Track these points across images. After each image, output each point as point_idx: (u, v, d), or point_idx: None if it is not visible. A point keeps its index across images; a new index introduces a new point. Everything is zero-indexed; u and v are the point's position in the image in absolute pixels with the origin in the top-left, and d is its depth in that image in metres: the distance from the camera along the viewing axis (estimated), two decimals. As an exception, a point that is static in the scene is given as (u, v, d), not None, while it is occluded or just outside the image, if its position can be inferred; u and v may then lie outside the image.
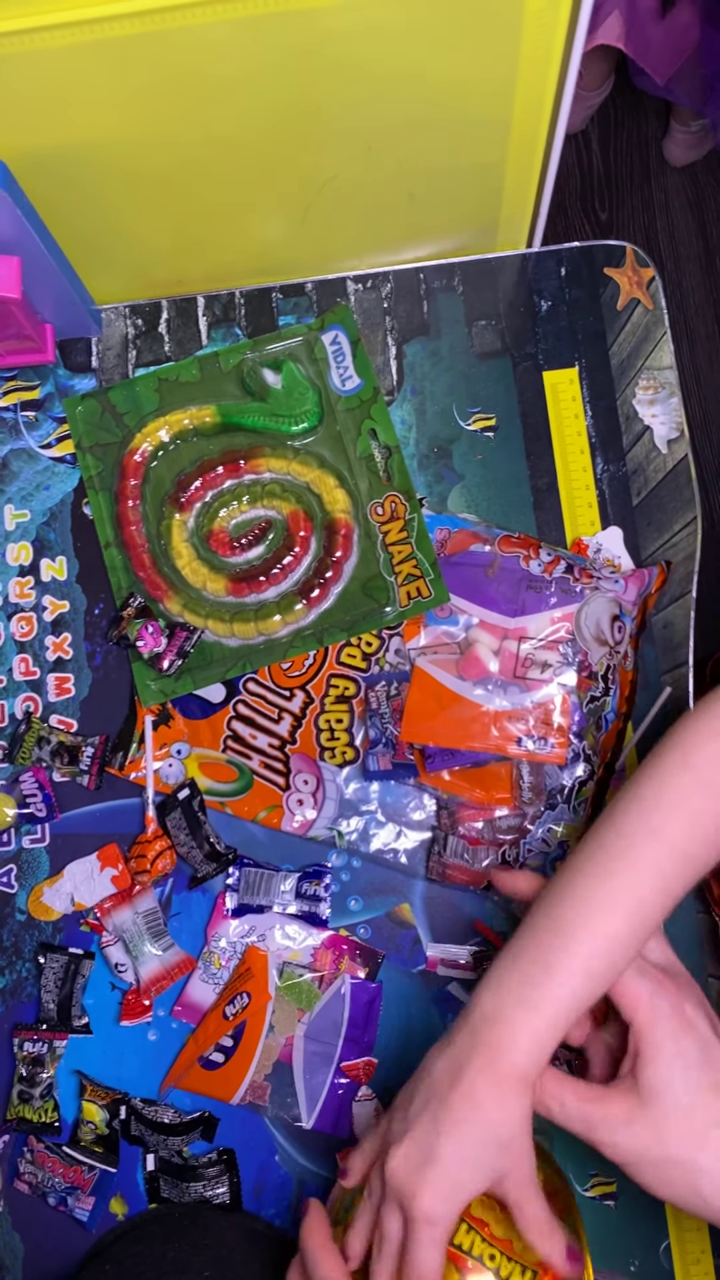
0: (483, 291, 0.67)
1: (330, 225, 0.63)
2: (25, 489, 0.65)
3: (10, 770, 0.62)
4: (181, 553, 0.63)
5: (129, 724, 0.62)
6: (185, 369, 0.65)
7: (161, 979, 0.59)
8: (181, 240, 0.63)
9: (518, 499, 0.64)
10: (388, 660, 0.61)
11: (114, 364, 0.67)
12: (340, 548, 0.62)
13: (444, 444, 0.65)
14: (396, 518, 0.62)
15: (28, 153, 0.52)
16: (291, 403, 0.63)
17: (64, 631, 0.64)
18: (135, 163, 0.54)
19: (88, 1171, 0.58)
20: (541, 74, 0.51)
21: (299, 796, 0.60)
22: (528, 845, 0.58)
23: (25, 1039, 0.59)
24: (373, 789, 0.61)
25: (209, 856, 0.59)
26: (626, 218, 1.53)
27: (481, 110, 0.54)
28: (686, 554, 0.63)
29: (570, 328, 0.66)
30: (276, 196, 0.60)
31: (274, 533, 0.63)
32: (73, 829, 0.62)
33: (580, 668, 0.58)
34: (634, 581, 0.60)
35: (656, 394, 0.65)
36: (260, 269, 0.67)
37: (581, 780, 0.58)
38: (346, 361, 0.64)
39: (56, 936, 0.61)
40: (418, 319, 0.67)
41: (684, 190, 1.53)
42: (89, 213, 0.59)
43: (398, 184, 0.60)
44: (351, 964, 0.59)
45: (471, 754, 0.58)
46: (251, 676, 0.62)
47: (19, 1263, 0.59)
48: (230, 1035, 0.58)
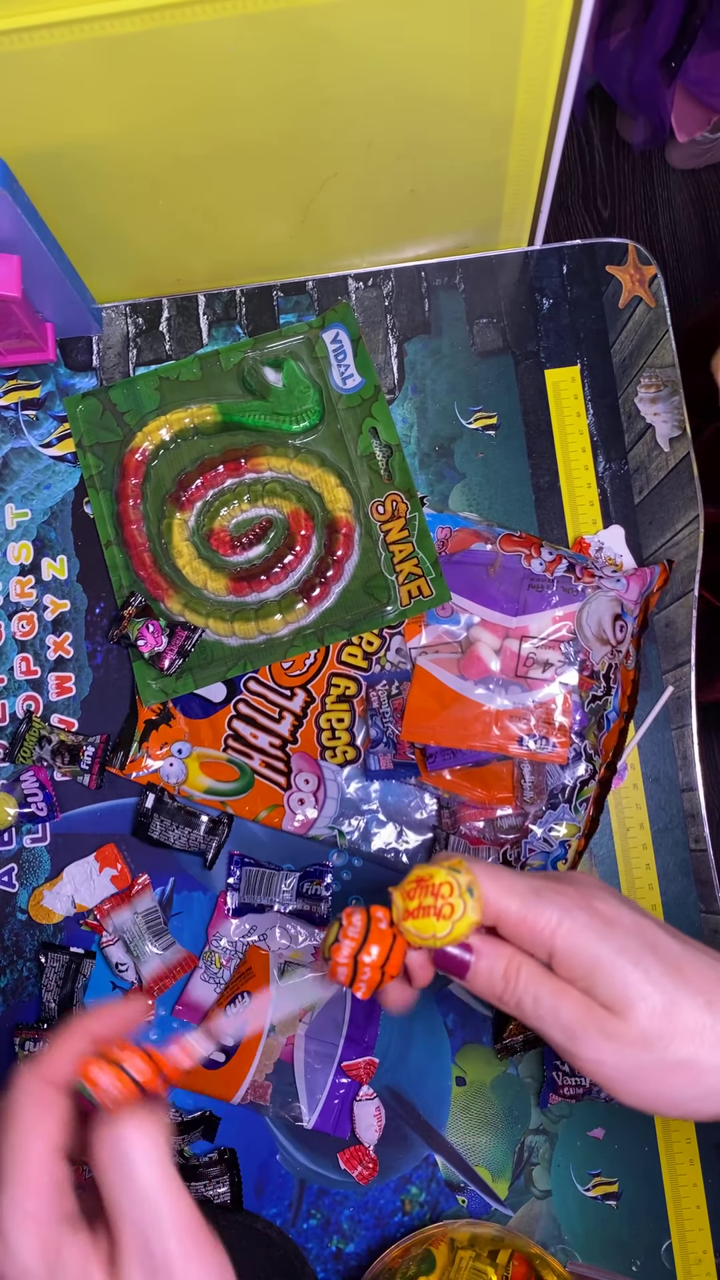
0: (484, 289, 0.67)
1: (331, 223, 0.63)
2: (26, 488, 0.65)
3: (11, 769, 0.62)
4: (182, 552, 0.62)
5: (130, 723, 0.62)
6: (186, 368, 0.64)
7: (164, 977, 0.59)
8: (182, 238, 0.63)
9: (519, 497, 0.64)
10: (389, 659, 0.61)
11: (115, 363, 0.67)
12: (341, 546, 0.62)
13: (445, 442, 0.65)
14: (398, 516, 0.62)
15: (28, 151, 0.52)
16: (292, 401, 0.63)
17: (65, 630, 0.64)
18: (135, 161, 0.54)
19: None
20: (543, 71, 0.51)
21: (300, 796, 0.60)
22: (529, 845, 0.58)
23: (26, 1038, 0.59)
24: (374, 788, 0.60)
25: (210, 831, 0.60)
26: (628, 215, 1.53)
27: (483, 107, 0.54)
28: (688, 552, 0.63)
29: (572, 326, 0.66)
30: (277, 194, 0.60)
31: (275, 531, 0.63)
32: (74, 828, 0.62)
33: (582, 667, 0.58)
34: (636, 580, 0.60)
35: (658, 392, 0.65)
36: (261, 267, 0.67)
37: (583, 780, 0.58)
38: (347, 360, 0.64)
39: (57, 936, 0.61)
40: (419, 317, 0.67)
41: (686, 188, 1.53)
42: (89, 211, 0.58)
43: (399, 181, 0.60)
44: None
45: (473, 753, 0.58)
46: (252, 675, 0.62)
47: (20, 1262, 0.59)
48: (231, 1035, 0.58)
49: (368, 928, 0.37)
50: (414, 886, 0.36)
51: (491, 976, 0.37)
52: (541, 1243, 0.58)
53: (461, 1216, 0.58)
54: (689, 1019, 0.35)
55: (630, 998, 0.35)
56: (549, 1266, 0.53)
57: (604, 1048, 0.35)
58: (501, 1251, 0.53)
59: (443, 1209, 0.59)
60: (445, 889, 0.35)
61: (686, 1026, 0.35)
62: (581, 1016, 0.35)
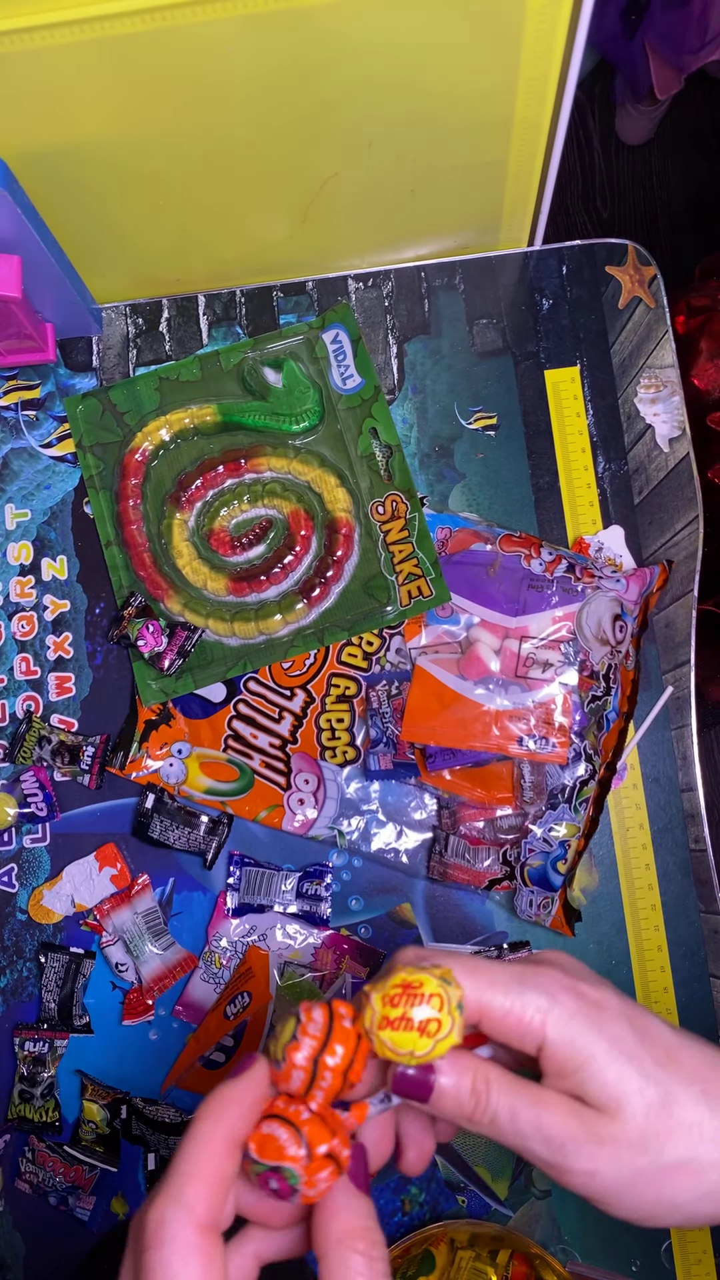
0: (484, 290, 0.67)
1: (331, 223, 0.63)
2: (26, 488, 0.65)
3: (11, 769, 0.62)
4: (182, 552, 0.62)
5: (130, 723, 0.62)
6: (186, 368, 0.64)
7: (164, 977, 0.59)
8: (182, 239, 0.63)
9: (519, 498, 0.64)
10: (389, 659, 0.61)
11: (115, 363, 0.67)
12: (341, 547, 0.62)
13: (445, 443, 0.65)
14: (397, 517, 0.62)
15: (28, 151, 0.52)
16: (292, 401, 0.63)
17: (65, 631, 0.64)
18: (135, 161, 0.54)
19: (89, 1171, 0.58)
20: (543, 71, 0.51)
21: (300, 796, 0.60)
22: (529, 845, 0.58)
23: (26, 1038, 0.59)
24: (374, 788, 0.60)
25: (210, 831, 0.60)
26: (628, 215, 1.53)
27: (483, 108, 0.54)
28: (688, 553, 0.63)
29: (572, 326, 0.66)
30: (277, 195, 0.60)
31: (275, 532, 0.63)
32: (73, 828, 0.62)
33: (581, 667, 0.58)
34: (635, 580, 0.60)
35: (658, 392, 0.65)
36: (261, 267, 0.67)
37: (583, 780, 0.58)
38: (347, 360, 0.64)
39: (57, 936, 0.61)
40: (419, 317, 0.67)
41: (686, 187, 1.53)
42: (89, 212, 0.58)
43: (399, 182, 0.60)
44: (353, 963, 0.59)
45: (473, 753, 0.58)
46: (252, 676, 0.62)
47: (20, 1262, 0.59)
48: (231, 1035, 0.58)
49: (330, 1025, 0.32)
50: (398, 993, 0.31)
51: (459, 1095, 0.32)
52: (541, 1243, 0.58)
53: (461, 1216, 0.58)
54: (686, 1113, 0.32)
55: (624, 1093, 0.31)
56: (549, 1266, 0.53)
57: (597, 1155, 0.31)
58: (501, 1251, 0.53)
59: (443, 1209, 0.59)
60: (435, 1002, 0.30)
61: (684, 1122, 0.32)
62: (568, 1123, 0.31)
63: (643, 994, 0.59)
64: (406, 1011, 0.30)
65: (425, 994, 0.30)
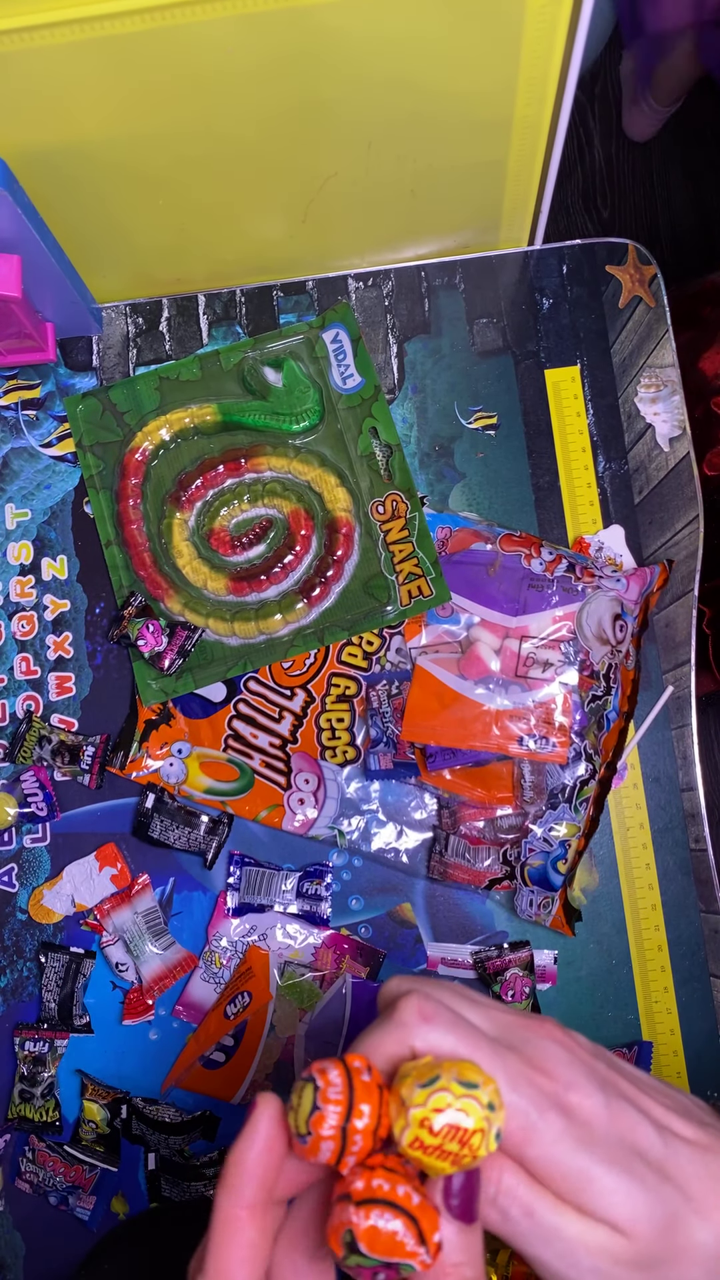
0: (484, 289, 0.67)
1: (331, 223, 0.63)
2: (26, 488, 0.65)
3: (11, 769, 0.62)
4: (182, 551, 0.62)
5: (130, 723, 0.62)
6: (186, 367, 0.64)
7: (164, 977, 0.59)
8: (182, 238, 0.63)
9: (519, 497, 0.64)
10: (389, 659, 0.61)
11: (115, 362, 0.67)
12: (341, 546, 0.62)
13: (445, 442, 0.65)
14: (398, 516, 0.62)
15: (28, 151, 0.52)
16: (292, 401, 0.63)
17: (65, 630, 0.64)
18: (135, 161, 0.54)
19: (89, 1170, 0.58)
20: (543, 70, 0.51)
21: (300, 795, 0.60)
22: (529, 844, 0.58)
23: (26, 1038, 0.59)
24: (374, 788, 0.60)
25: (210, 831, 0.60)
26: (629, 215, 1.53)
27: (483, 107, 0.54)
28: (688, 552, 0.63)
29: (572, 325, 0.66)
30: (277, 194, 0.60)
31: (275, 531, 0.63)
32: (74, 828, 0.62)
33: (582, 667, 0.58)
34: (636, 580, 0.60)
35: (658, 392, 0.65)
36: (261, 267, 0.67)
37: (583, 779, 0.58)
38: (347, 359, 0.64)
39: (57, 935, 0.61)
40: (419, 317, 0.67)
41: (686, 187, 1.53)
42: (89, 211, 0.58)
43: (399, 181, 0.60)
44: (353, 963, 0.59)
45: (473, 753, 0.58)
46: (252, 675, 0.62)
47: (20, 1262, 0.59)
48: (231, 1034, 0.58)
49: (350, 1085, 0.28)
50: (447, 1131, 0.27)
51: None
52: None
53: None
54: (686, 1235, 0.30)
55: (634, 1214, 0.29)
56: None
57: (615, 1276, 0.29)
58: (501, 1251, 0.53)
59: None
60: (475, 1139, 0.27)
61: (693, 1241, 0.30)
62: (585, 1235, 0.29)
63: (643, 994, 0.59)
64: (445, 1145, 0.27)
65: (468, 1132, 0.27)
